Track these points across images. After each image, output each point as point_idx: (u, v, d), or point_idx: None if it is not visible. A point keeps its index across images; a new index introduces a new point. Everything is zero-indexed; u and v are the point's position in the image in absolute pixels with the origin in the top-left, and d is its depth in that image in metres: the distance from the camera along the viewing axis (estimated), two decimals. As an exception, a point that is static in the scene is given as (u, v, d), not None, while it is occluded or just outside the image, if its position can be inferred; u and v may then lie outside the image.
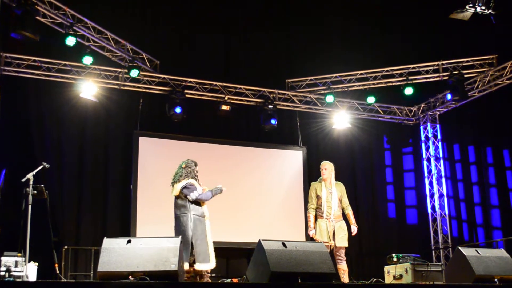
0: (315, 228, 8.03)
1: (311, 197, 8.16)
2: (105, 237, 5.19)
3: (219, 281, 7.16)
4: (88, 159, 11.24)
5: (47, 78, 10.96)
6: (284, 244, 5.33)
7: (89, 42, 10.76)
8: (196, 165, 7.73)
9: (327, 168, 8.18)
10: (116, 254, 5.01)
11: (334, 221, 7.96)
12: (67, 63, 11.01)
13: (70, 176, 10.99)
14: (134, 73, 10.95)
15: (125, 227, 10.99)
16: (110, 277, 4.83)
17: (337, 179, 8.33)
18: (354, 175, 13.30)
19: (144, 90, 11.68)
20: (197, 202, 7.40)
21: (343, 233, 7.98)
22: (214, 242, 7.48)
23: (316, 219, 8.08)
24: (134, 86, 11.58)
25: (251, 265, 5.46)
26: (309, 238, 8.41)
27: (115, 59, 11.21)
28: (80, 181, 11.10)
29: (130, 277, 4.82)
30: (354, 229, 8.15)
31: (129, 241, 5.14)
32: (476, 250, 6.27)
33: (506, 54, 11.76)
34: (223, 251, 11.03)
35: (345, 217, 8.23)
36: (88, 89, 10.94)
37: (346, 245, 8.03)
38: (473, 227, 13.07)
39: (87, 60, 10.53)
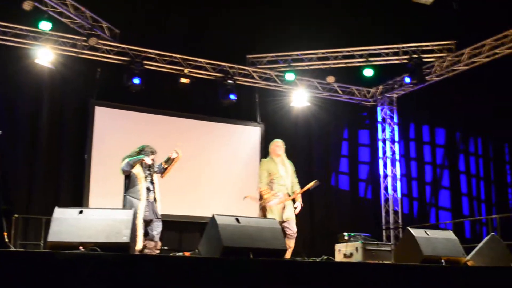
0: (266, 206, 7.91)
1: (263, 174, 8.07)
2: (56, 207, 5.11)
3: (171, 254, 7.15)
4: (43, 127, 11.04)
5: (2, 43, 10.68)
6: (237, 220, 5.34)
7: (47, 7, 10.47)
8: (143, 149, 7.70)
9: (281, 146, 8.18)
10: (67, 224, 4.94)
11: (282, 198, 7.89)
12: (23, 27, 10.74)
13: (23, 143, 10.80)
14: (92, 41, 10.76)
15: (77, 198, 10.87)
16: (60, 247, 4.76)
17: (294, 157, 8.34)
18: (311, 154, 13.39)
19: (102, 59, 11.50)
20: (134, 181, 7.45)
21: (291, 208, 7.93)
22: (167, 215, 7.53)
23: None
24: (92, 55, 11.39)
25: (204, 239, 5.45)
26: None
27: (74, 26, 10.96)
28: (34, 149, 10.91)
29: (81, 247, 4.77)
30: (298, 205, 8.04)
31: (81, 212, 5.07)
32: (425, 231, 6.39)
33: (465, 40, 11.93)
34: (176, 224, 11.07)
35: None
36: (45, 55, 10.71)
37: (294, 218, 7.91)
38: (424, 207, 13.38)
39: (45, 25, 10.26)
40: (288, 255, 7.85)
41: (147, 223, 7.48)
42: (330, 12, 12.75)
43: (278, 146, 8.17)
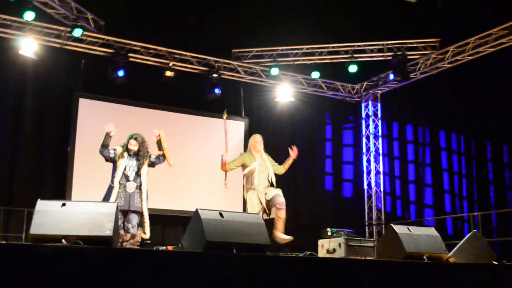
0: (246, 198, 7.95)
1: (234, 162, 8.08)
2: (38, 199, 5.07)
3: (154, 248, 7.14)
4: (26, 118, 10.96)
5: (-16, 32, 10.59)
6: (221, 214, 5.34)
7: (31, -3, 10.39)
8: (131, 138, 7.64)
9: (261, 142, 8.19)
10: (50, 216, 4.91)
11: (263, 190, 7.89)
12: (7, 17, 10.62)
13: (5, 133, 10.71)
14: (77, 32, 10.65)
15: (60, 190, 10.79)
16: (42, 240, 4.73)
17: (278, 153, 8.36)
18: (295, 149, 13.39)
19: (86, 51, 11.41)
20: (114, 166, 7.40)
21: (272, 189, 7.92)
22: (151, 209, 7.45)
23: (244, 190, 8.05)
24: (76, 46, 11.30)
25: (187, 233, 5.44)
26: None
27: (58, 17, 10.86)
28: (16, 140, 10.83)
29: (63, 240, 4.74)
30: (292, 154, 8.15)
31: (63, 204, 5.03)
32: (408, 228, 6.42)
33: (449, 38, 12.00)
34: (159, 218, 11.00)
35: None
36: (29, 46, 10.60)
37: (279, 192, 7.92)
38: (406, 204, 13.45)
39: (29, 15, 10.14)
40: (281, 226, 7.84)
41: (123, 214, 7.24)
42: (316, 8, 12.76)
43: (258, 142, 8.17)
